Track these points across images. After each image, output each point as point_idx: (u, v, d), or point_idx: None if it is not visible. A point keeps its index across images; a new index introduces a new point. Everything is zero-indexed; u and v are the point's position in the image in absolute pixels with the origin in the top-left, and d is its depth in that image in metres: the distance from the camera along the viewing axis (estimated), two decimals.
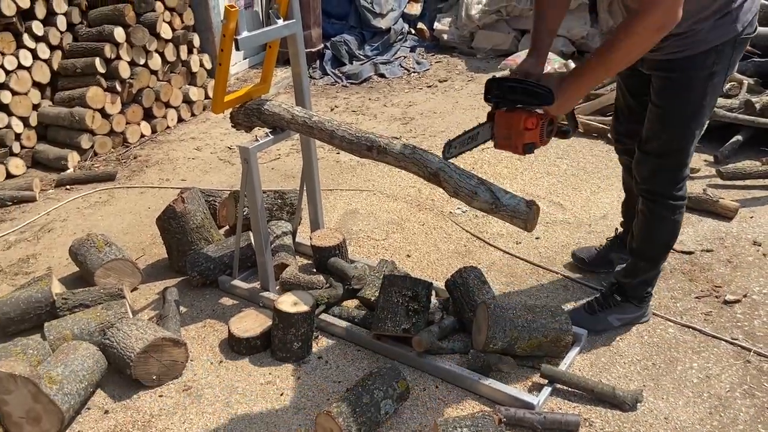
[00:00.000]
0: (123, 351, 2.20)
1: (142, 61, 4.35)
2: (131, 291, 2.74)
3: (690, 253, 2.82)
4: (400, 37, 6.17)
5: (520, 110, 1.88)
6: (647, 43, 1.74)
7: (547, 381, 2.12)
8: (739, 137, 3.65)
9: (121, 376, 2.26)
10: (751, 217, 3.07)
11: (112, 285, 2.64)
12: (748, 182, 3.35)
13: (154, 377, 2.23)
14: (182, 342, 2.27)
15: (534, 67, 2.01)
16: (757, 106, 3.56)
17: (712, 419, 1.99)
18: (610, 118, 4.00)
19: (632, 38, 1.72)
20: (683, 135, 2.03)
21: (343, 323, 2.42)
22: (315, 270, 2.76)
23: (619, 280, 2.38)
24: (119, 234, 3.25)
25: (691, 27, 1.87)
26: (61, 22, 4.18)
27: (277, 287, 2.66)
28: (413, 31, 6.41)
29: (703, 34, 1.88)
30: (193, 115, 4.86)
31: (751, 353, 2.23)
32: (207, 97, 4.93)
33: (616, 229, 2.72)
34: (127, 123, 4.36)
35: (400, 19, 6.25)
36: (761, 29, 4.05)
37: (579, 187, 3.46)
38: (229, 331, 2.38)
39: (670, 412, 2.02)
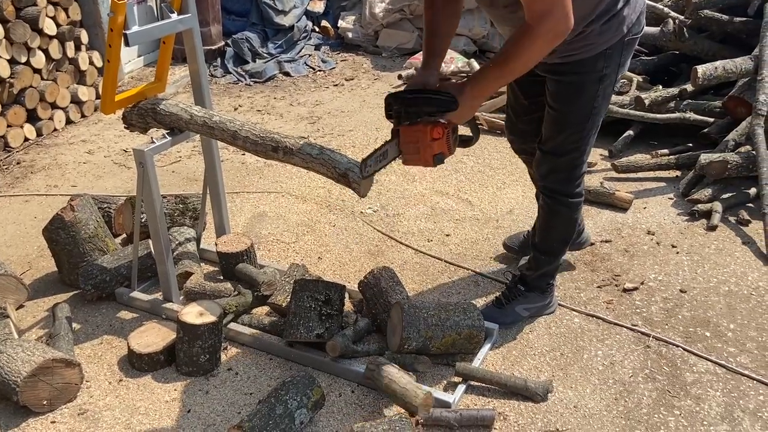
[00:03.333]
0: (8, 376, 2.01)
1: (23, 59, 4.01)
2: (16, 309, 2.51)
3: (591, 244, 2.93)
4: (304, 35, 6.07)
5: (424, 121, 1.85)
6: (543, 52, 1.78)
7: (461, 379, 2.13)
8: (630, 132, 3.85)
9: (8, 402, 2.05)
10: (645, 208, 3.24)
11: None
12: (640, 174, 3.54)
13: (45, 402, 2.04)
14: (75, 362, 2.09)
15: (429, 77, 2.00)
16: (647, 102, 3.77)
17: (618, 405, 2.07)
18: None
19: (529, 48, 1.76)
20: (578, 136, 2.11)
21: (254, 332, 2.32)
22: (222, 277, 2.64)
23: (522, 272, 2.45)
24: (1, 247, 2.98)
25: (578, 33, 1.93)
26: None
27: (182, 297, 2.52)
28: (317, 29, 6.33)
29: (591, 38, 1.95)
30: (83, 116, 4.54)
31: (651, 339, 2.34)
32: (98, 97, 4.62)
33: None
34: (8, 126, 4.00)
35: (304, 16, 6.15)
36: (648, 29, 4.29)
37: (485, 184, 3.52)
38: (128, 347, 2.22)
39: (579, 400, 2.09)
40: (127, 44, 2.07)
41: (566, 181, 2.21)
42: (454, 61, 5.31)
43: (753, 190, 3.20)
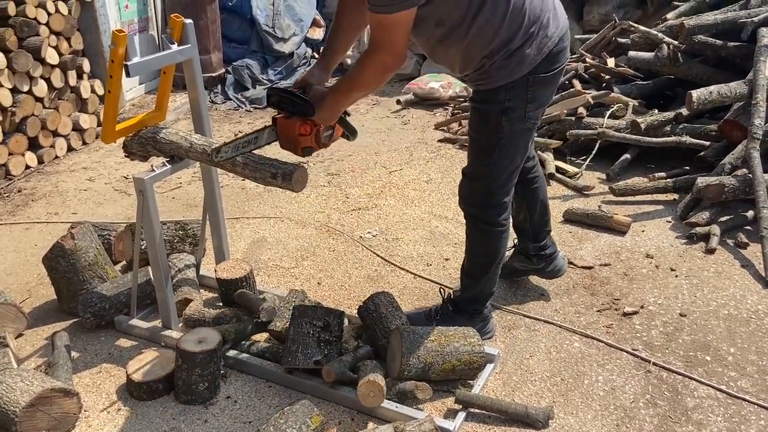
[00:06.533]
0: (6, 406, 1.99)
1: (25, 88, 4.06)
2: (16, 338, 2.50)
3: (590, 267, 2.93)
4: (303, 62, 6.14)
5: (297, 117, 2.05)
6: (378, 78, 1.97)
7: (461, 406, 2.12)
8: (627, 156, 3.88)
9: None
10: (643, 231, 3.24)
11: None
12: (638, 198, 3.56)
13: None
14: (74, 392, 2.08)
15: (316, 77, 2.15)
16: (642, 126, 3.80)
17: (620, 431, 2.05)
18: None
19: (364, 73, 1.96)
20: (487, 163, 2.18)
21: (253, 359, 2.32)
22: (221, 304, 2.64)
23: (454, 292, 2.50)
24: (1, 275, 2.98)
25: (480, 64, 2.04)
26: None
27: (181, 325, 2.51)
28: (317, 56, 6.41)
29: (492, 71, 2.04)
30: (84, 143, 4.58)
31: (651, 363, 2.33)
32: (99, 124, 4.66)
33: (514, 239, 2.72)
34: (10, 154, 4.03)
35: (303, 43, 6.23)
36: (642, 54, 4.35)
37: None
38: (127, 375, 2.22)
39: (580, 426, 2.07)
40: (128, 75, 2.10)
41: (483, 206, 2.26)
42: (452, 86, 5.37)
43: (750, 213, 3.21)
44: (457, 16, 1.94)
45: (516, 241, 2.70)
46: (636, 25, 4.63)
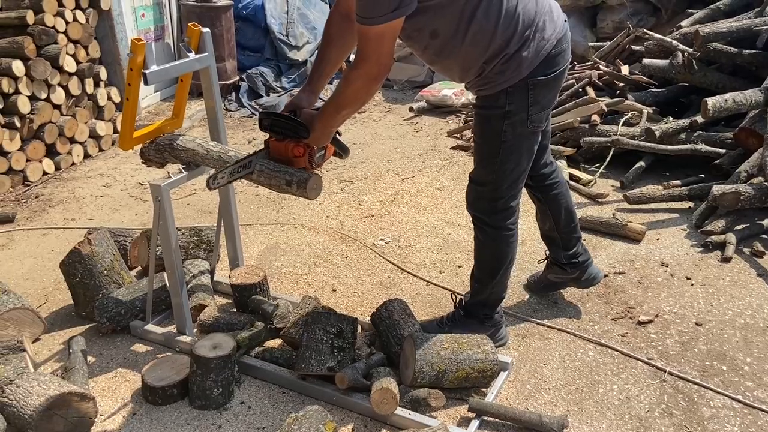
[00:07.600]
0: (23, 410, 2.01)
1: (43, 96, 4.12)
2: (33, 342, 2.53)
3: (604, 276, 2.92)
4: None
5: (290, 140, 2.07)
6: (365, 91, 1.97)
7: (475, 414, 2.11)
8: (642, 163, 3.86)
9: None
10: (658, 239, 3.23)
11: (10, 337, 2.42)
12: (652, 206, 3.54)
13: None
14: (90, 396, 2.10)
15: (305, 101, 2.16)
16: (657, 133, 3.79)
17: None
18: None
19: (352, 87, 1.95)
20: (492, 168, 2.19)
21: (267, 365, 2.33)
22: (235, 310, 2.65)
23: (464, 297, 2.51)
24: (19, 280, 3.02)
25: (480, 69, 2.05)
26: None
27: (195, 330, 2.53)
28: None
29: (491, 76, 2.05)
30: (101, 150, 4.63)
31: (666, 373, 2.31)
32: (116, 131, 4.72)
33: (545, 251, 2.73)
34: (28, 160, 4.09)
35: (317, 51, 6.26)
36: (655, 62, 4.33)
37: None
38: (142, 380, 2.23)
39: None
40: (146, 83, 2.13)
41: (489, 211, 2.27)
42: (464, 94, 5.37)
43: (767, 222, 3.18)
44: (451, 25, 1.95)
45: (547, 252, 2.69)
46: (650, 32, 4.62)
